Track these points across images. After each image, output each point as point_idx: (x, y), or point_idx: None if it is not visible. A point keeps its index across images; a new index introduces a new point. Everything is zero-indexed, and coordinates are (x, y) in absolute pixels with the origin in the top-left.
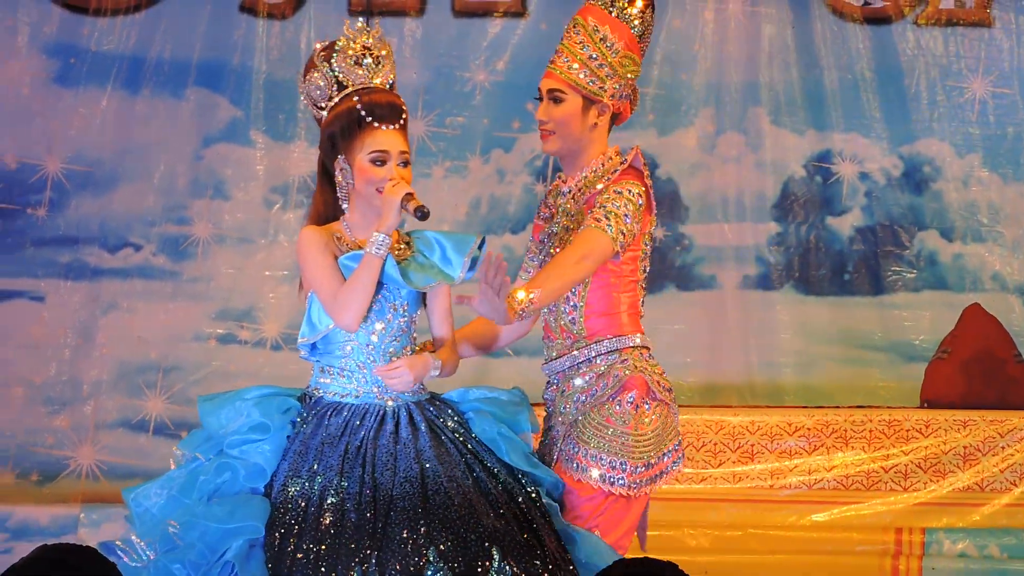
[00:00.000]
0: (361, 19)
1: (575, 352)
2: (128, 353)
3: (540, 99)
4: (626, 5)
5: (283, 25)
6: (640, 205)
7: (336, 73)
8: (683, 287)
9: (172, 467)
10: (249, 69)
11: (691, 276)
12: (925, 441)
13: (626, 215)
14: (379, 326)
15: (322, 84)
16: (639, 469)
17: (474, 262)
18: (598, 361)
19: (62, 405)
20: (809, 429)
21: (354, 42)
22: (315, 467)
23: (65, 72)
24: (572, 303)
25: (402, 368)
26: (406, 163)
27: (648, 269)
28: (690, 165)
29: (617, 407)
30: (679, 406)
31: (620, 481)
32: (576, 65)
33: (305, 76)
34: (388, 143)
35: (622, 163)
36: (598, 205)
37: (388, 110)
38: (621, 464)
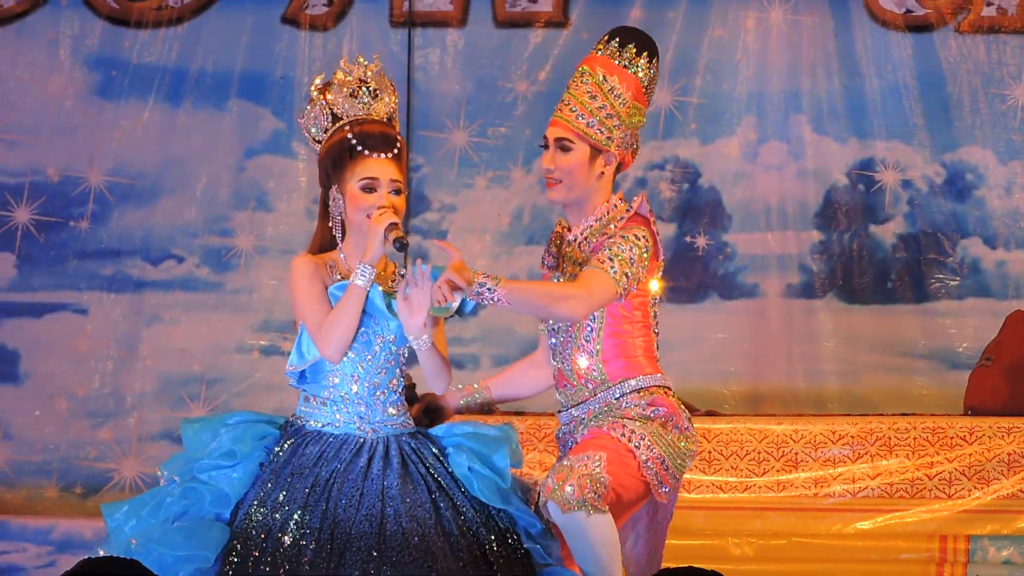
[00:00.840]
0: (362, 56)
1: (600, 395)
2: (171, 365)
3: (545, 146)
4: (634, 55)
5: (325, 36)
6: (647, 250)
7: (331, 106)
8: (726, 296)
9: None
10: (291, 81)
11: (734, 285)
12: (969, 448)
13: (631, 259)
14: (366, 357)
15: (318, 118)
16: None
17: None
18: (625, 400)
19: (105, 417)
20: (853, 437)
21: (350, 75)
22: (280, 497)
23: (107, 85)
24: (588, 351)
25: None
26: (399, 191)
27: (658, 315)
28: (732, 174)
29: (652, 412)
30: (723, 414)
31: (636, 442)
32: (584, 115)
33: (304, 113)
34: (378, 171)
35: (628, 210)
36: (604, 248)
37: (380, 139)
38: (643, 435)
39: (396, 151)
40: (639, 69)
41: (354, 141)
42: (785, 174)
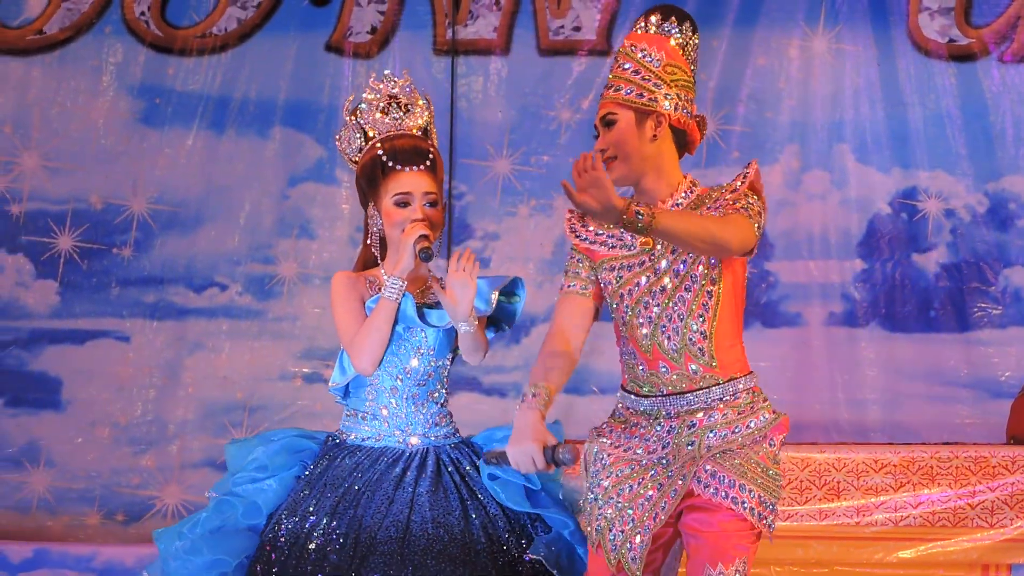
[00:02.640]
0: (388, 70)
1: (712, 389)
2: (213, 392)
3: (598, 135)
4: (660, 21)
5: (369, 64)
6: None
7: (363, 125)
8: (768, 324)
9: None
10: (335, 108)
11: (776, 313)
12: (1012, 477)
13: (761, 217)
14: (404, 370)
15: (352, 138)
16: (777, 510)
17: (507, 309)
18: (738, 399)
19: (148, 445)
20: (895, 466)
21: (379, 93)
22: (311, 507)
23: (151, 112)
24: (698, 329)
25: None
26: (434, 203)
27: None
28: (775, 202)
29: (769, 446)
30: None
31: (768, 521)
32: (621, 86)
33: (339, 135)
34: (410, 184)
35: (744, 177)
36: (736, 203)
37: (410, 153)
38: (771, 505)
39: (429, 163)
40: (670, 34)
41: (385, 157)
42: (828, 203)
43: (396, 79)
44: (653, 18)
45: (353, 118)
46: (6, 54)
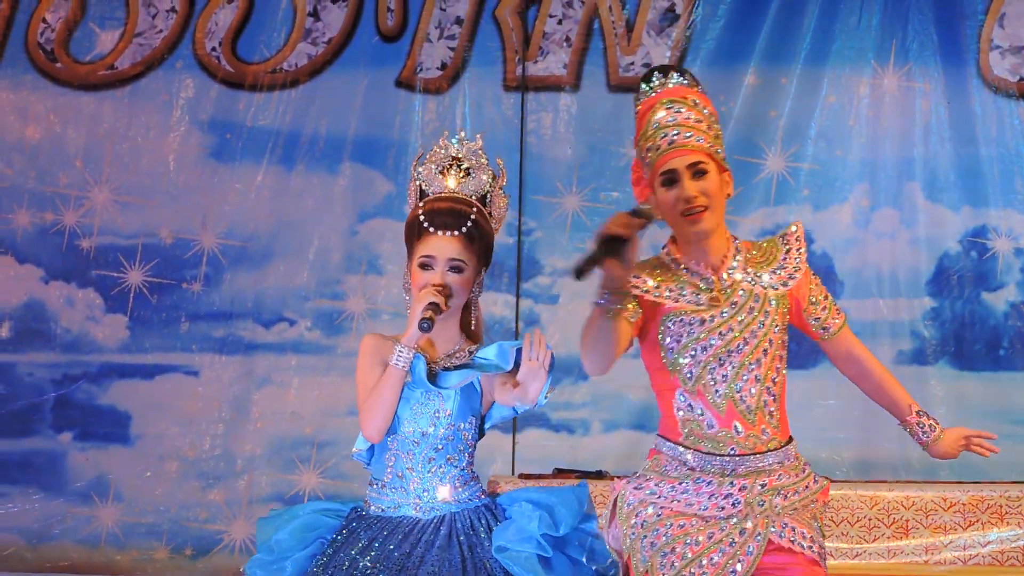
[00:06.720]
0: (463, 131)
1: (776, 451)
2: (282, 428)
3: (672, 182)
4: (691, 79)
5: (439, 100)
6: None
7: (420, 182)
8: None
9: None
10: (405, 144)
11: None
12: None
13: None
14: (421, 434)
15: (412, 194)
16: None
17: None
18: (793, 463)
19: (216, 480)
20: (964, 505)
21: (443, 151)
22: None
23: (221, 147)
24: (772, 392)
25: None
26: (459, 269)
27: None
28: (844, 240)
29: (819, 511)
30: (835, 480)
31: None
32: (698, 135)
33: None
34: (436, 248)
35: (795, 241)
36: (823, 297)
37: (446, 216)
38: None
39: (465, 229)
40: (697, 86)
41: (422, 217)
42: (897, 241)
43: (467, 141)
44: (670, 76)
45: (416, 172)
46: (78, 89)
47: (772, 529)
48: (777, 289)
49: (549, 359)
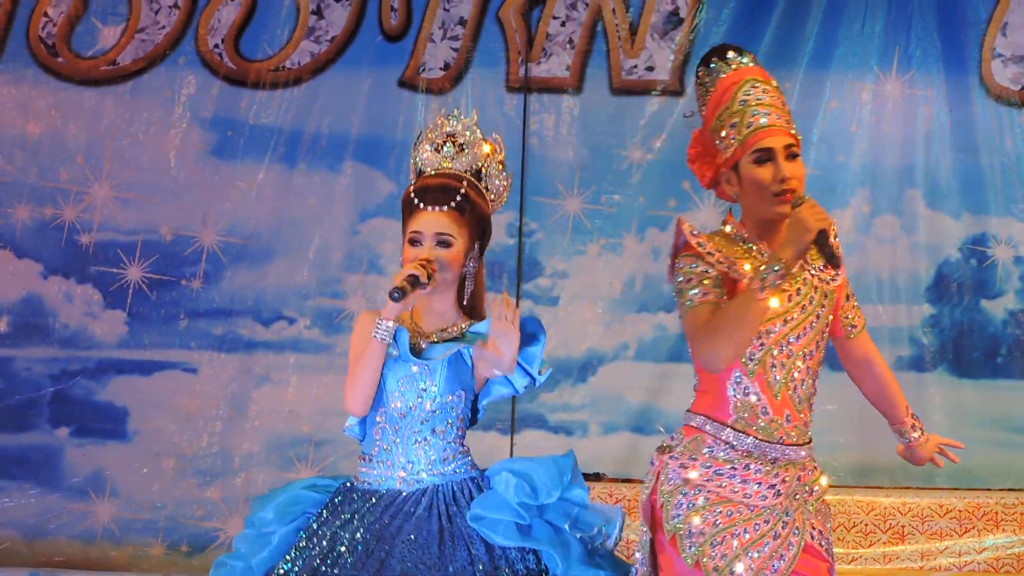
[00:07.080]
0: (458, 108)
1: (809, 445)
2: (280, 426)
3: (765, 160)
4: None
5: (442, 100)
6: None
7: (417, 160)
8: (836, 367)
9: None
10: (407, 143)
11: None
12: None
13: None
14: (408, 407)
15: (409, 172)
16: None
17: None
18: (812, 460)
19: (213, 477)
20: (960, 511)
21: (439, 129)
22: (291, 555)
23: (222, 145)
24: (816, 386)
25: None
26: (446, 244)
27: None
28: (845, 245)
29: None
30: (832, 486)
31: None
32: (787, 118)
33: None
34: (424, 224)
35: (835, 239)
36: (852, 295)
37: (436, 191)
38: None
39: (454, 203)
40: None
41: (413, 195)
42: (897, 247)
43: (463, 118)
44: (746, 55)
45: (414, 151)
46: (79, 84)
47: (808, 531)
48: (828, 284)
49: (518, 317)
